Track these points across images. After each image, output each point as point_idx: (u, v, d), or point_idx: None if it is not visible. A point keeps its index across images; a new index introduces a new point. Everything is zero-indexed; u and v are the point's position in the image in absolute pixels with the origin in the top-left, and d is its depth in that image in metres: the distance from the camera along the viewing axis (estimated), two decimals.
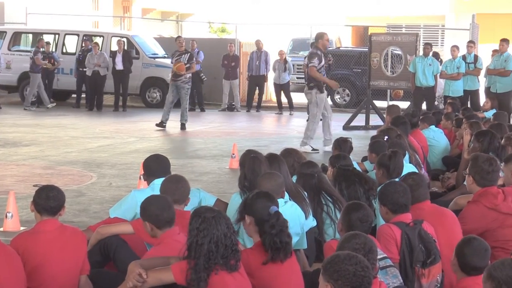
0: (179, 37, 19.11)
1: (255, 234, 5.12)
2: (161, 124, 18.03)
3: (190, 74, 18.20)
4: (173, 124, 18.40)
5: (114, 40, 24.11)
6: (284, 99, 23.26)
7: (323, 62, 14.28)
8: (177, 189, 5.93)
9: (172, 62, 18.07)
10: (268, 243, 4.98)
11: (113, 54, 22.98)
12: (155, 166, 6.82)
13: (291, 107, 23.08)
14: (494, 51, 18.57)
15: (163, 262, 4.94)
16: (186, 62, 17.74)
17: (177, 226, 5.32)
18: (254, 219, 5.09)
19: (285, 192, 6.35)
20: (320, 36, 14.54)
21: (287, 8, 38.62)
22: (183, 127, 18.23)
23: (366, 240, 4.62)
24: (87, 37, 24.21)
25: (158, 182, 6.35)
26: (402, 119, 10.61)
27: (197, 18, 40.23)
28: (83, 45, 23.82)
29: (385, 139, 8.91)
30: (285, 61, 22.96)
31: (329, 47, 26.72)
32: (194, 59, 18.66)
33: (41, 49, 22.96)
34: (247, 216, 5.12)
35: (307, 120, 19.87)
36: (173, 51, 18.55)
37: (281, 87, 23.10)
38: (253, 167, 6.57)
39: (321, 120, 14.78)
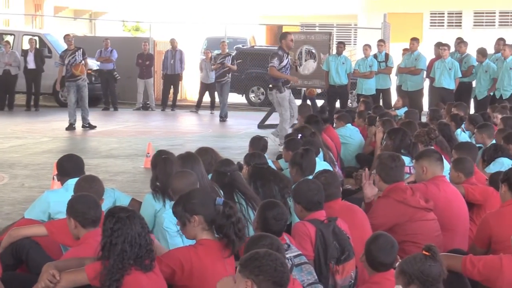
0: (67, 35, 18.61)
1: (202, 232, 5.02)
2: (71, 127, 17.71)
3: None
4: None
5: (26, 38, 23.70)
6: (207, 98, 23.07)
7: (285, 62, 14.14)
8: (91, 188, 5.88)
9: (68, 63, 17.52)
10: (232, 233, 4.93)
11: (24, 53, 22.61)
12: (68, 166, 6.76)
13: (212, 106, 22.95)
14: (405, 50, 18.90)
15: (78, 263, 4.87)
16: (82, 59, 17.55)
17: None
18: (203, 217, 5.01)
19: None
20: (283, 37, 14.45)
21: (201, 7, 38.59)
22: (91, 126, 17.97)
23: (272, 240, 4.65)
24: None
25: (72, 182, 6.28)
26: (315, 118, 10.75)
27: (110, 17, 39.88)
28: None
29: (299, 137, 8.99)
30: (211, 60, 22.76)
31: (244, 46, 26.98)
32: (86, 54, 18.14)
33: None
34: (195, 217, 4.99)
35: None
36: (63, 51, 18.18)
37: (208, 87, 22.70)
38: (165, 168, 6.55)
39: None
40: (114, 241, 4.60)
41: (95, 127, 17.96)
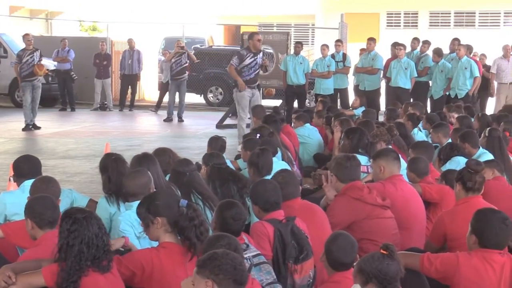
0: (27, 34, 18.41)
1: (165, 235, 5.00)
2: (27, 127, 17.56)
3: None
4: (44, 124, 18.06)
5: None
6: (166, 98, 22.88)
7: (247, 62, 14.08)
8: (47, 189, 5.82)
9: (25, 62, 17.42)
10: (193, 236, 4.90)
11: None
12: (25, 167, 6.70)
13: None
14: (362, 50, 19.01)
15: (35, 266, 4.82)
16: (39, 60, 17.48)
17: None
18: (166, 219, 4.98)
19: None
20: (250, 37, 14.45)
21: (159, 7, 38.43)
22: (35, 127, 17.82)
23: (230, 240, 4.64)
24: None
25: (28, 183, 6.23)
26: (273, 118, 10.77)
27: (67, 16, 39.49)
28: None
29: (257, 137, 9.00)
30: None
31: (202, 46, 26.91)
32: (42, 56, 18.08)
33: None
34: (158, 218, 4.97)
35: None
36: (21, 50, 17.98)
37: (168, 87, 22.53)
38: (117, 168, 6.50)
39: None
40: (71, 242, 4.57)
41: (39, 128, 17.79)
